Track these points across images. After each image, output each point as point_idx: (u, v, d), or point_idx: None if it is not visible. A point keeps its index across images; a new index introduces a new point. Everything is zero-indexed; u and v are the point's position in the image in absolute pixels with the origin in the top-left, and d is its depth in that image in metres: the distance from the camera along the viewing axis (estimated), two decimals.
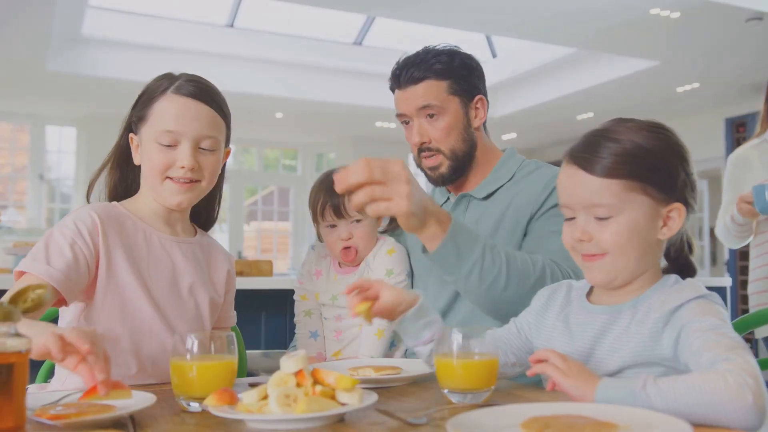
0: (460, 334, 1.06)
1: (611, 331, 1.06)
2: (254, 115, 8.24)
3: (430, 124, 1.58)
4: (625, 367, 1.03)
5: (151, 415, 0.98)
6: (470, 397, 1.04)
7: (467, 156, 1.61)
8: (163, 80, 1.36)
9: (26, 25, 5.43)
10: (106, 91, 7.13)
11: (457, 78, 1.58)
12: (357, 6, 5.62)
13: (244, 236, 9.65)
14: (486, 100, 1.64)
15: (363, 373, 1.23)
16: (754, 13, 5.16)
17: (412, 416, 0.93)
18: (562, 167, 1.12)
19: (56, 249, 1.24)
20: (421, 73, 1.57)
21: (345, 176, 1.18)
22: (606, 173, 1.04)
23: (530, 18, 5.49)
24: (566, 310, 1.15)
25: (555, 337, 1.13)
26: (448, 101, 1.58)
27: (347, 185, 1.18)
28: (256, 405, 0.91)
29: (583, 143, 1.10)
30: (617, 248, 1.05)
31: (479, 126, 1.63)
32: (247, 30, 7.34)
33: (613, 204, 1.04)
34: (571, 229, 1.09)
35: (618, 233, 1.04)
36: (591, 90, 7.25)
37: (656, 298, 1.05)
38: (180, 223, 1.43)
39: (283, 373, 0.94)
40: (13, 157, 8.62)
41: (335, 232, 1.67)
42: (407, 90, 1.59)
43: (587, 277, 1.11)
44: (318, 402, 0.89)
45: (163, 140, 1.32)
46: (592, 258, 1.07)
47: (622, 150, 1.05)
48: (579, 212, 1.07)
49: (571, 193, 1.08)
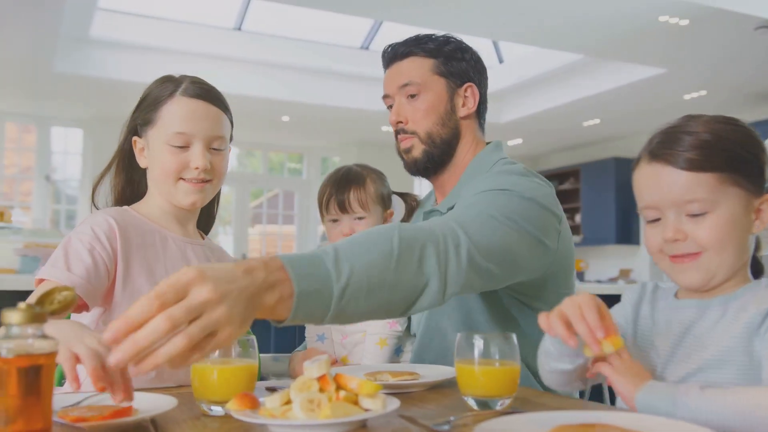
0: (482, 340, 1.05)
1: (699, 325, 1.02)
2: (260, 118, 8.25)
3: (409, 104, 1.52)
4: (709, 365, 0.98)
5: (173, 418, 0.98)
6: (491, 404, 1.03)
7: (445, 144, 1.52)
8: (167, 83, 1.38)
9: (34, 25, 5.44)
10: (113, 92, 7.14)
11: (446, 59, 1.52)
12: (364, 10, 5.63)
13: (249, 239, 9.65)
14: (478, 91, 1.55)
15: (381, 378, 1.23)
16: (763, 21, 5.16)
17: (434, 422, 0.92)
18: (641, 168, 1.06)
19: (75, 255, 1.24)
20: (408, 49, 1.53)
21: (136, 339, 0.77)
22: (696, 167, 0.99)
23: (537, 24, 5.49)
24: (653, 305, 1.11)
25: (644, 330, 1.09)
26: (431, 80, 1.51)
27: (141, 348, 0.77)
28: (279, 410, 0.91)
29: (660, 140, 1.04)
30: (716, 245, 0.99)
31: (468, 116, 1.54)
32: (255, 33, 7.35)
33: (708, 198, 0.98)
34: (658, 230, 1.03)
35: (716, 229, 0.98)
36: (598, 96, 7.25)
37: (750, 296, 1.00)
38: (191, 223, 1.44)
39: (307, 378, 0.93)
40: (19, 158, 8.64)
41: (338, 227, 1.68)
42: (393, 67, 1.55)
43: (680, 281, 1.04)
44: (342, 407, 0.89)
45: (175, 142, 1.33)
46: (685, 258, 1.01)
47: (706, 143, 1.00)
48: (668, 211, 1.01)
49: (657, 192, 1.02)
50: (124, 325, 0.77)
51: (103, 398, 1.03)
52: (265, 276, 0.89)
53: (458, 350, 1.07)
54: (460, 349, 1.07)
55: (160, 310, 0.78)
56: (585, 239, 9.40)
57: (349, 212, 1.65)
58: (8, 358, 0.71)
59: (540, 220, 1.32)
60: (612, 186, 8.95)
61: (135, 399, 1.01)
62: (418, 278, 1.06)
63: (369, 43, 7.69)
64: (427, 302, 1.09)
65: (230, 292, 0.83)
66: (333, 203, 1.66)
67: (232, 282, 0.85)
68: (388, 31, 7.38)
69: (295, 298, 0.92)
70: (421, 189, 9.99)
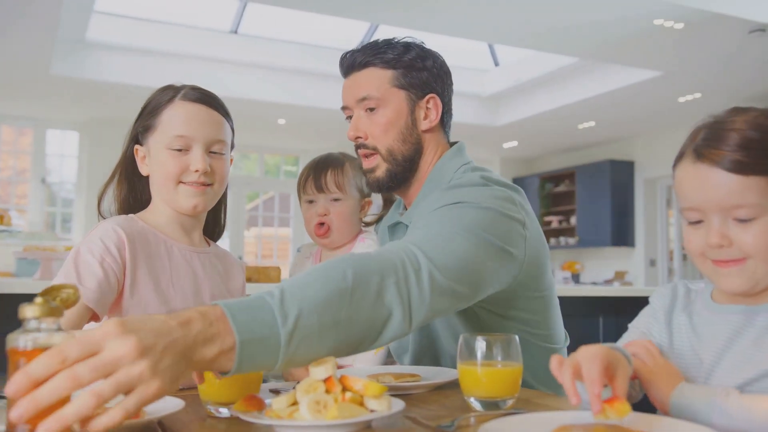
0: (484, 342, 1.06)
1: (747, 333, 0.96)
2: (256, 120, 8.26)
3: (368, 117, 1.45)
4: (763, 375, 0.92)
5: (180, 420, 0.99)
6: (494, 404, 1.05)
7: (407, 161, 1.45)
8: (167, 90, 1.39)
9: (31, 28, 5.44)
10: (109, 95, 7.14)
11: (406, 70, 1.44)
12: (361, 14, 5.64)
13: (245, 242, 9.65)
14: (440, 101, 1.47)
15: (383, 380, 1.24)
16: (757, 25, 5.20)
17: (438, 423, 0.94)
18: (685, 166, 0.98)
19: (86, 268, 1.24)
20: (366, 59, 1.45)
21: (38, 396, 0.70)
22: (744, 169, 0.92)
23: (533, 27, 5.51)
24: (689, 310, 1.05)
25: (682, 338, 1.03)
26: (390, 93, 1.43)
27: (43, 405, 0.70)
28: (286, 411, 0.92)
29: (708, 138, 0.96)
30: (762, 252, 0.93)
31: (430, 129, 1.46)
32: (251, 36, 7.36)
33: (759, 203, 0.92)
34: (701, 233, 0.97)
35: (763, 235, 0.92)
36: (593, 99, 7.29)
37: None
38: (196, 231, 1.44)
39: (313, 380, 0.94)
40: (15, 161, 8.62)
41: (313, 207, 1.68)
42: (350, 77, 1.48)
43: (722, 285, 0.98)
44: (349, 408, 0.90)
45: (175, 145, 1.34)
46: (728, 264, 0.95)
47: (753, 142, 0.93)
48: (712, 215, 0.95)
49: (702, 194, 0.95)
50: (25, 380, 0.70)
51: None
52: (202, 328, 0.83)
53: (461, 352, 1.08)
54: (463, 351, 1.08)
55: (62, 366, 0.71)
56: (580, 241, 9.44)
57: (325, 192, 1.66)
58: (27, 350, 0.75)
59: (501, 229, 1.26)
60: (607, 188, 8.99)
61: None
62: (379, 311, 1.01)
63: None
64: (392, 334, 1.04)
65: (155, 345, 0.77)
66: (310, 182, 1.67)
67: (162, 335, 0.78)
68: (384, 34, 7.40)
69: (237, 350, 0.85)
70: None
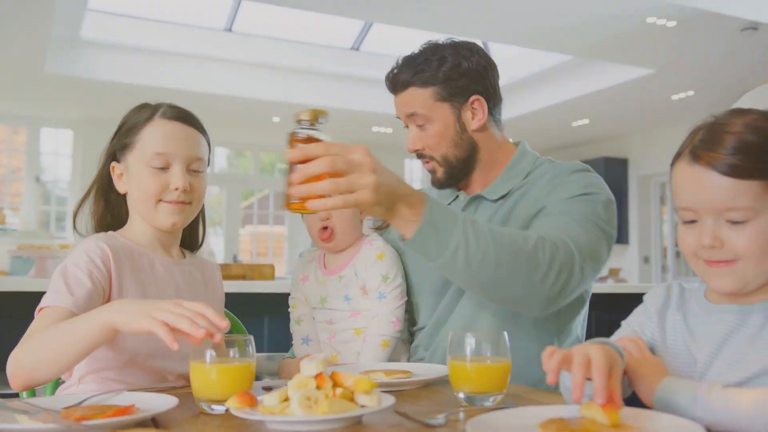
0: (474, 338, 1.08)
1: (741, 332, 0.97)
2: (251, 118, 8.26)
3: (421, 131, 1.55)
4: (757, 375, 0.93)
5: (173, 417, 1.00)
6: (483, 400, 1.06)
7: (463, 161, 1.56)
8: (145, 108, 1.40)
9: (25, 27, 5.43)
10: (103, 94, 7.13)
11: (444, 83, 1.51)
12: (355, 12, 5.65)
13: (240, 240, 9.66)
14: (484, 100, 1.55)
15: (374, 377, 1.25)
16: (749, 23, 5.22)
17: (429, 418, 0.95)
18: (681, 167, 0.99)
19: (75, 281, 1.25)
20: (406, 79, 1.53)
21: (305, 167, 1.07)
22: (741, 173, 0.92)
23: (527, 26, 5.53)
24: (683, 310, 1.06)
25: (677, 338, 1.04)
26: (435, 109, 1.52)
27: (306, 175, 1.07)
28: (277, 407, 0.93)
29: (705, 140, 0.97)
30: (753, 254, 0.94)
31: (480, 127, 1.56)
32: (245, 34, 7.36)
33: (751, 207, 0.93)
34: (694, 232, 0.98)
35: (755, 238, 0.93)
36: (587, 97, 7.31)
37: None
38: (174, 246, 1.45)
39: (304, 376, 0.96)
40: (8, 159, 8.61)
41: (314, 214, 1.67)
42: (397, 97, 1.57)
43: (713, 285, 1.00)
44: (339, 404, 0.91)
45: (155, 163, 1.34)
46: (719, 264, 0.97)
47: (750, 145, 0.93)
48: (706, 216, 0.96)
49: (697, 195, 0.96)
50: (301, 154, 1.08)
51: (105, 398, 1.06)
52: (411, 191, 1.18)
53: (451, 348, 1.10)
54: (453, 346, 1.10)
55: (325, 152, 1.07)
56: None
57: None
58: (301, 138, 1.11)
59: (614, 222, 1.49)
60: None
61: (136, 399, 1.04)
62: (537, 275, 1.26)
63: (359, 44, 7.72)
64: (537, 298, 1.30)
65: (383, 173, 1.13)
66: None
67: (392, 175, 1.15)
68: (378, 32, 7.41)
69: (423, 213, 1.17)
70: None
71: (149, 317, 1.02)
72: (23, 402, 1.00)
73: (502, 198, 1.56)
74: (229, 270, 3.04)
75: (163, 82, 6.88)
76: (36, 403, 1.02)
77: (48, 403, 1.02)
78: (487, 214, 1.56)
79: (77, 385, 1.31)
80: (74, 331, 1.10)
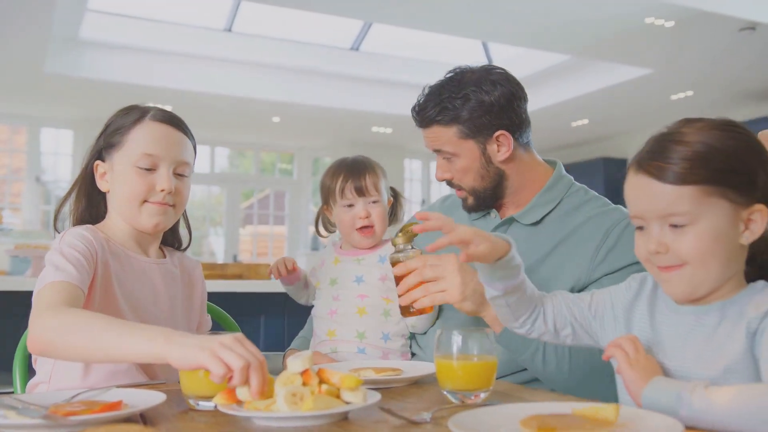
0: (460, 336, 1.09)
1: (698, 331, 1.01)
2: (251, 118, 8.28)
3: (448, 162, 1.57)
4: (724, 372, 0.96)
5: (162, 413, 1.01)
6: (469, 397, 1.07)
7: (491, 190, 1.57)
8: (135, 110, 1.40)
9: (24, 27, 5.45)
10: (103, 94, 7.14)
11: (468, 122, 1.52)
12: (354, 12, 5.66)
13: (240, 240, 9.67)
14: (510, 133, 1.53)
15: (364, 375, 1.26)
16: (747, 23, 5.23)
17: (414, 415, 0.96)
18: (629, 177, 1.04)
19: (76, 261, 1.24)
20: (431, 117, 1.54)
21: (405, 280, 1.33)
22: (680, 180, 0.97)
23: (527, 26, 5.54)
24: (652, 305, 1.09)
25: (642, 332, 1.07)
26: (459, 145, 1.53)
27: (407, 286, 1.32)
28: (264, 403, 0.94)
29: (650, 150, 1.02)
30: (697, 258, 0.97)
31: (510, 157, 1.55)
32: (245, 34, 7.37)
33: (691, 211, 0.96)
34: (644, 240, 1.02)
35: (697, 242, 0.97)
36: (586, 97, 7.32)
37: (748, 301, 0.99)
38: (152, 246, 1.45)
39: (290, 373, 0.97)
40: (9, 159, 8.63)
41: (352, 210, 1.70)
42: (423, 131, 1.59)
43: (666, 290, 1.04)
44: (324, 400, 0.93)
45: (143, 164, 1.35)
46: (670, 269, 1.00)
47: (694, 153, 0.97)
48: (652, 222, 1.00)
49: (642, 203, 1.01)
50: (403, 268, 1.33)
51: (94, 394, 1.07)
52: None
53: (437, 346, 1.11)
54: (440, 345, 1.10)
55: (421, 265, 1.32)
56: None
57: (366, 195, 1.68)
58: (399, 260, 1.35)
59: None
60: (601, 186, 9.00)
61: (124, 394, 1.05)
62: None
63: (359, 44, 7.72)
64: None
65: (470, 275, 1.31)
66: (349, 188, 1.67)
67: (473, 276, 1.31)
68: (378, 32, 7.42)
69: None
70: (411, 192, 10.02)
71: (208, 351, 0.95)
72: (12, 398, 1.01)
73: (538, 223, 1.56)
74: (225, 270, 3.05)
75: (163, 82, 6.90)
76: (25, 399, 1.03)
77: (37, 400, 1.03)
78: (517, 237, 1.51)
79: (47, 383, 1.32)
80: (120, 342, 1.05)
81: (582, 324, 1.15)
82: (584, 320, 1.15)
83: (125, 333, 1.06)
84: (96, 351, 1.08)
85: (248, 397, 0.94)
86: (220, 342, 0.96)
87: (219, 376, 0.93)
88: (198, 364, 0.95)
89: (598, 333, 1.14)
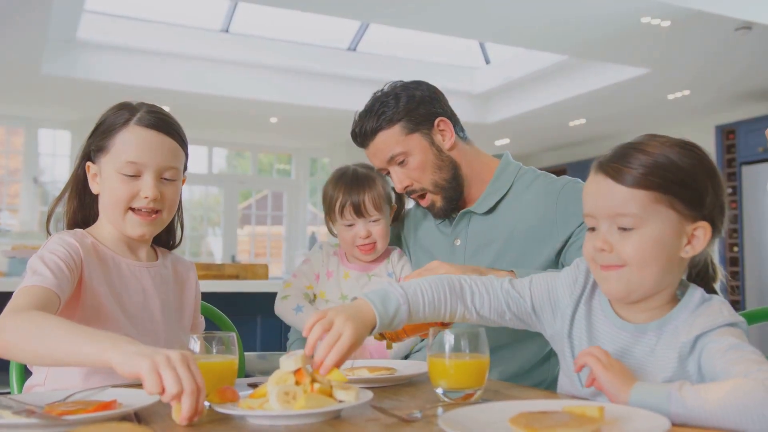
0: (452, 336, 1.10)
1: (635, 351, 1.06)
2: (248, 119, 8.27)
3: (404, 169, 1.61)
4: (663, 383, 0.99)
5: (156, 412, 1.02)
6: (461, 395, 1.08)
7: (451, 181, 1.62)
8: (123, 111, 1.39)
9: (22, 28, 5.44)
10: (100, 95, 7.13)
11: (407, 116, 1.59)
12: (351, 12, 5.66)
13: (238, 240, 9.67)
14: (448, 119, 1.63)
15: (358, 374, 1.27)
16: (743, 23, 5.24)
17: (406, 413, 0.97)
18: (590, 177, 1.09)
19: (56, 266, 1.24)
20: (372, 126, 1.61)
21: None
22: (634, 183, 1.02)
23: (523, 25, 5.54)
24: (589, 314, 1.13)
25: (581, 339, 1.12)
26: (408, 142, 1.59)
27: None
28: (257, 402, 0.95)
29: (612, 154, 1.07)
30: (637, 261, 1.02)
31: (454, 144, 1.63)
32: (242, 35, 7.37)
33: (638, 215, 1.01)
34: (592, 239, 1.07)
35: (640, 245, 1.02)
36: (583, 97, 7.32)
37: (683, 320, 1.04)
38: (143, 249, 1.45)
39: (283, 372, 0.98)
40: (6, 161, 8.62)
41: (352, 230, 1.70)
42: (369, 147, 1.64)
43: (603, 288, 1.09)
44: (316, 399, 0.93)
45: (126, 171, 1.34)
46: (609, 268, 1.05)
47: (652, 162, 1.02)
48: (602, 222, 1.05)
49: (596, 202, 1.06)
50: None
51: (89, 394, 1.07)
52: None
53: (430, 345, 1.12)
54: (433, 344, 1.12)
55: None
56: None
57: (365, 216, 1.69)
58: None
59: None
60: None
61: (119, 394, 1.05)
62: None
63: (356, 44, 7.73)
64: None
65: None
66: (348, 209, 1.69)
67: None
68: (375, 32, 7.43)
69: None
70: None
71: (150, 364, 0.91)
72: (7, 398, 1.02)
73: (492, 210, 1.62)
74: (222, 270, 3.05)
75: (160, 83, 6.90)
76: (20, 399, 1.03)
77: (32, 399, 1.04)
78: (477, 228, 1.62)
79: (42, 385, 1.32)
80: (68, 346, 1.04)
81: (520, 317, 1.19)
82: (524, 310, 1.18)
83: (74, 337, 1.04)
84: (45, 355, 1.07)
85: (176, 419, 0.91)
86: (167, 357, 0.92)
87: (150, 392, 0.91)
88: (136, 373, 0.92)
89: (536, 325, 1.19)
